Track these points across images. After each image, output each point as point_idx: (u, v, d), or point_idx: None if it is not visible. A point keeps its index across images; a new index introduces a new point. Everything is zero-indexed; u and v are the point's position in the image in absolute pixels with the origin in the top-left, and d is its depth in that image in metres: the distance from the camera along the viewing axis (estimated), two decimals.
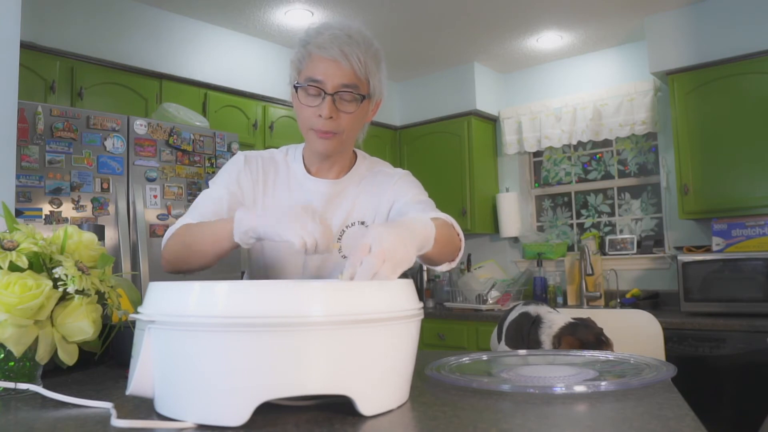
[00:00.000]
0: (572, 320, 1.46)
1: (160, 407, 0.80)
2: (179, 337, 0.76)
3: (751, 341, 2.71)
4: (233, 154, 2.96)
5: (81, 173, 2.47)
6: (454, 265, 1.20)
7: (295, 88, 1.24)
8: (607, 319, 1.62)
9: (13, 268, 0.95)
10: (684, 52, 3.37)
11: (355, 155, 1.41)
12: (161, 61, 3.26)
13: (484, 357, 1.19)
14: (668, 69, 3.42)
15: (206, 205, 1.27)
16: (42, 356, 0.97)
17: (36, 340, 0.95)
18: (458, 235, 1.20)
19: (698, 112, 3.30)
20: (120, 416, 0.78)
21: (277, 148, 1.45)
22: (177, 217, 2.73)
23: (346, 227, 1.33)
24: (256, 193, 1.32)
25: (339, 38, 1.18)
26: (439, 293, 4.38)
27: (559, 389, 0.87)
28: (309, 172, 1.35)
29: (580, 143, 4.18)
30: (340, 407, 0.81)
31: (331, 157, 1.31)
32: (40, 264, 0.99)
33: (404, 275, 1.46)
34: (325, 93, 1.19)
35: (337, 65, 1.18)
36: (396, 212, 1.31)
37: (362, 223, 1.34)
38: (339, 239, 1.32)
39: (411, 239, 0.92)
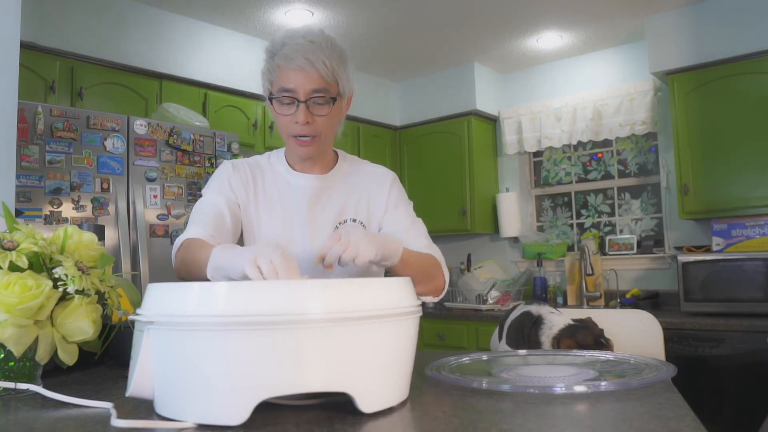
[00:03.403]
0: (572, 322, 1.46)
1: (160, 408, 0.80)
2: (178, 337, 0.76)
3: (751, 341, 2.71)
4: (233, 154, 2.97)
5: (81, 173, 2.47)
6: (436, 300, 1.33)
7: (270, 99, 1.29)
8: (607, 319, 1.62)
9: (13, 268, 0.95)
10: (684, 52, 3.37)
11: (336, 154, 1.46)
12: (161, 61, 3.26)
13: (484, 357, 1.20)
14: (668, 69, 3.42)
15: (206, 213, 1.31)
16: (42, 356, 0.97)
17: (36, 340, 0.96)
18: (443, 275, 1.32)
19: (698, 112, 3.30)
20: (120, 416, 0.78)
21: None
22: (177, 217, 2.74)
23: (339, 224, 1.37)
24: (248, 196, 1.37)
25: (303, 47, 1.22)
26: None
27: (559, 389, 0.87)
28: (294, 169, 1.41)
29: (580, 143, 4.18)
30: (340, 407, 0.81)
31: (312, 158, 1.37)
32: (40, 264, 0.99)
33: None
34: (298, 101, 1.24)
35: (305, 74, 1.23)
36: (385, 225, 1.40)
37: (354, 220, 1.39)
38: None
39: (379, 242, 1.10)
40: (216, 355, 0.73)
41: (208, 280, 1.13)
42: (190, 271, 1.17)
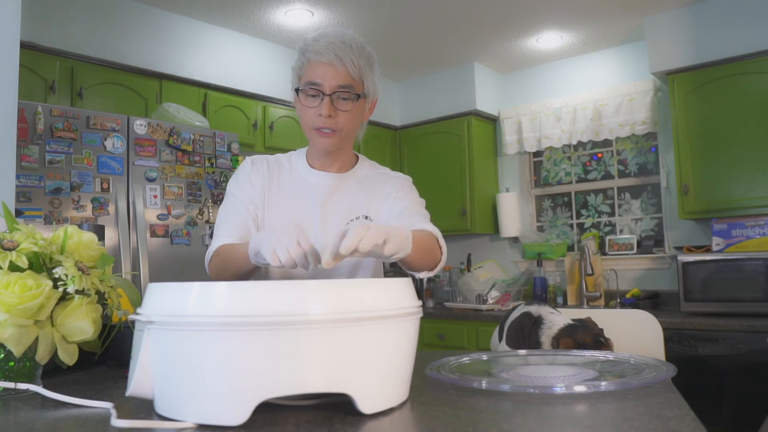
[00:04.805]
0: (571, 322, 1.46)
1: (160, 408, 0.80)
2: (178, 338, 0.76)
3: (751, 341, 2.71)
4: (233, 154, 2.97)
5: (81, 173, 2.47)
6: (431, 274, 1.30)
7: (297, 91, 1.34)
8: (607, 319, 1.62)
9: (13, 268, 0.95)
10: (684, 52, 3.37)
11: (357, 157, 1.49)
12: (161, 61, 3.26)
13: (484, 357, 1.20)
14: (668, 69, 3.42)
15: (231, 222, 1.37)
16: (42, 356, 0.97)
17: (36, 340, 0.95)
18: (440, 247, 1.30)
19: (698, 112, 3.30)
20: (120, 416, 0.78)
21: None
22: (177, 217, 2.74)
23: (350, 221, 1.39)
24: (264, 190, 1.42)
25: (334, 44, 1.28)
26: (439, 293, 4.38)
27: (559, 389, 0.87)
28: (312, 167, 1.44)
29: (580, 143, 4.18)
30: (340, 407, 0.81)
31: (332, 154, 1.40)
32: (40, 264, 0.99)
33: (404, 274, 1.47)
34: (324, 94, 1.29)
35: (333, 68, 1.28)
36: (392, 216, 1.38)
37: (367, 217, 1.40)
38: None
39: (386, 230, 1.00)
40: (216, 356, 0.73)
41: (242, 276, 1.23)
42: (228, 271, 1.25)
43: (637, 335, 1.67)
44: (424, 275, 1.29)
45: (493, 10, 3.41)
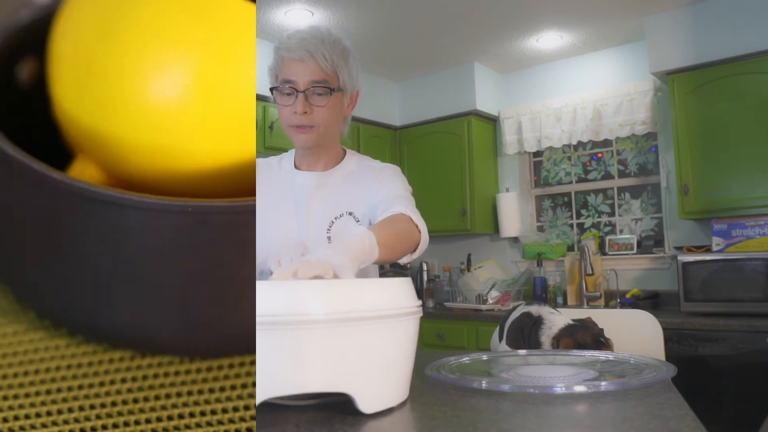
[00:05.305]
0: (572, 322, 1.46)
1: None
2: None
3: (751, 341, 2.71)
4: None
5: None
6: (414, 257, 1.24)
7: (272, 90, 1.34)
8: (607, 319, 1.62)
9: None
10: (684, 52, 3.36)
11: (345, 152, 1.47)
12: None
13: (484, 357, 1.20)
14: (668, 69, 3.42)
15: None
16: None
17: None
18: (417, 227, 1.23)
19: (698, 112, 3.30)
20: None
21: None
22: None
23: (335, 218, 1.37)
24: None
25: (305, 40, 1.28)
26: (439, 293, 4.38)
27: (559, 389, 0.87)
28: (299, 168, 1.43)
29: (580, 143, 4.17)
30: (340, 407, 0.81)
31: (314, 151, 1.40)
32: None
33: (403, 274, 1.47)
34: (297, 91, 1.28)
35: (305, 64, 1.27)
36: (370, 206, 1.35)
37: (350, 214, 1.38)
38: (329, 230, 1.37)
39: (325, 264, 0.87)
40: None
41: None
42: None
43: (637, 335, 1.67)
44: (405, 260, 1.23)
45: (493, 10, 3.41)
